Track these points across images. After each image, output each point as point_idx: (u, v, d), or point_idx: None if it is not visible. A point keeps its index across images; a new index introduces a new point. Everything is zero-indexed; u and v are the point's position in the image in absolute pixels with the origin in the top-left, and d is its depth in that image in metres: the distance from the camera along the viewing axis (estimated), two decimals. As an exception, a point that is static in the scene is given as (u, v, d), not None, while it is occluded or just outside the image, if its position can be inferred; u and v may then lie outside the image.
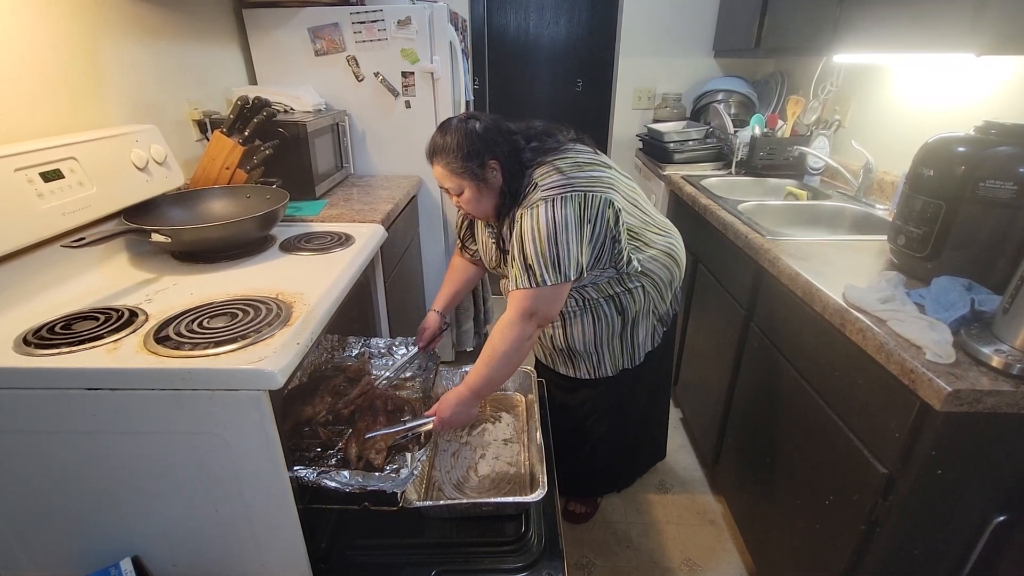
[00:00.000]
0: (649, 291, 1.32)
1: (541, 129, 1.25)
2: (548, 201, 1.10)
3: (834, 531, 1.08)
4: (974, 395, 0.78)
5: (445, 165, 1.16)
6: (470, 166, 1.14)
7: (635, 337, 1.38)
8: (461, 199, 1.20)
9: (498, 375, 1.17)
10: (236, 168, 1.49)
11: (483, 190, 1.18)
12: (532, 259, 1.11)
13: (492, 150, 1.15)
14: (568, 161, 1.18)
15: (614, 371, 1.41)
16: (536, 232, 1.10)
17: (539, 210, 1.10)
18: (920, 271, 1.12)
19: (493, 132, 1.16)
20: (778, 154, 2.13)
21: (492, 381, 1.17)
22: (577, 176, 1.15)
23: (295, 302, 1.02)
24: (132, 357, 0.83)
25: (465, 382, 1.16)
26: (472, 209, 1.22)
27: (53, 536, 0.95)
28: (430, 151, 1.18)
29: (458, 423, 1.17)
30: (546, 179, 1.14)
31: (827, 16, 1.68)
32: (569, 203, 1.10)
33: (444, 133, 1.15)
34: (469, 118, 1.17)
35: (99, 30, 1.29)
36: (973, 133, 1.07)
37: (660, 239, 1.33)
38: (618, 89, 2.90)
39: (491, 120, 1.18)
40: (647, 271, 1.30)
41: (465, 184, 1.16)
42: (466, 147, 1.13)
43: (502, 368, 1.16)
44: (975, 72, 1.46)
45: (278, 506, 0.92)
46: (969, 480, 0.88)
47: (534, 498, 1.04)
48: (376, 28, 1.94)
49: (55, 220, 1.05)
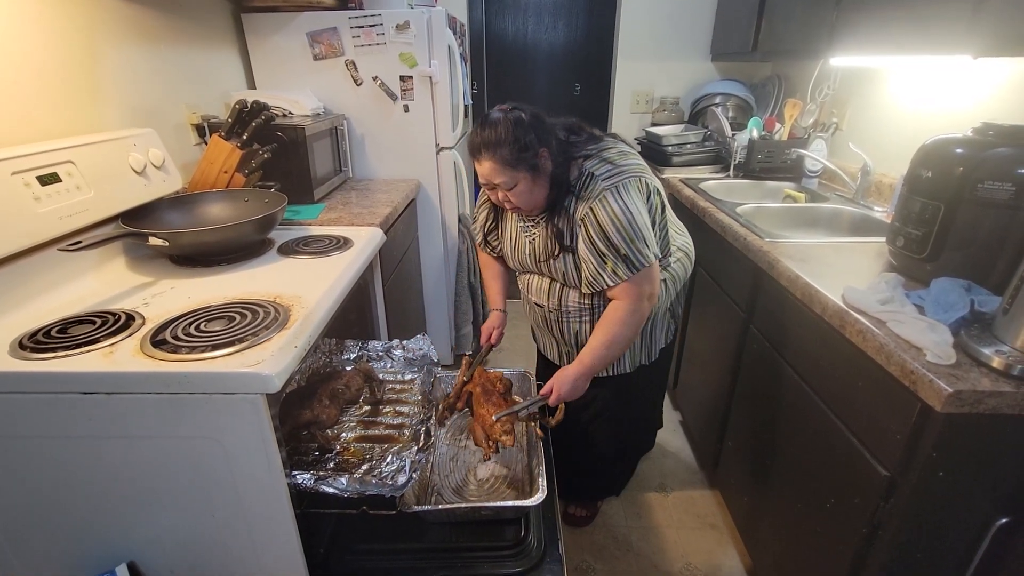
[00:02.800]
0: (669, 287, 1.37)
1: (574, 123, 1.27)
2: (612, 189, 1.14)
3: (835, 534, 1.08)
4: (975, 396, 0.78)
5: (498, 159, 1.11)
6: (526, 156, 1.11)
7: (653, 333, 1.41)
8: (512, 192, 1.16)
9: (613, 356, 1.26)
10: (234, 172, 1.49)
11: (537, 180, 1.16)
12: (625, 248, 1.14)
13: (542, 139, 1.14)
14: (615, 151, 1.23)
15: (632, 367, 1.43)
16: (617, 222, 1.13)
17: (608, 200, 1.14)
18: (919, 272, 1.12)
19: (540, 121, 1.15)
20: (776, 157, 2.13)
21: (607, 360, 1.25)
22: (627, 163, 1.20)
23: (293, 305, 1.01)
24: (128, 361, 0.83)
25: (581, 361, 1.22)
26: (523, 202, 1.18)
27: (47, 541, 0.94)
28: (477, 146, 1.13)
29: (573, 397, 1.25)
30: (600, 168, 1.17)
31: (824, 19, 1.68)
32: (631, 187, 1.16)
33: (491, 126, 1.11)
34: (513, 108, 1.14)
35: (97, 34, 1.29)
36: (971, 134, 1.07)
37: (679, 237, 1.40)
38: (616, 93, 2.91)
39: (534, 109, 1.16)
40: (669, 267, 1.36)
41: (520, 176, 1.13)
42: (521, 138, 1.10)
43: (618, 350, 1.25)
44: (972, 74, 1.47)
45: (275, 511, 0.91)
46: (971, 482, 0.87)
47: (533, 502, 1.04)
48: (374, 32, 1.95)
49: (52, 224, 1.04)
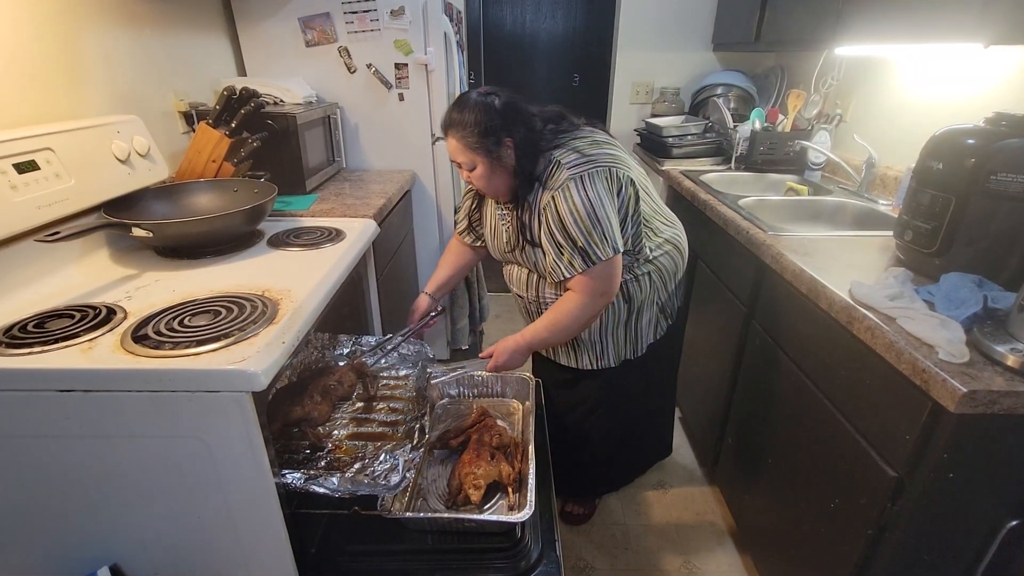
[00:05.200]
0: (655, 280, 1.33)
1: (557, 112, 1.26)
2: (577, 179, 1.12)
3: (840, 535, 1.05)
4: (990, 396, 0.75)
5: (461, 139, 1.15)
6: (486, 143, 1.14)
7: (639, 327, 1.37)
8: (472, 174, 1.20)
9: (555, 341, 1.28)
10: (223, 161, 1.44)
11: (495, 168, 1.18)
12: (582, 240, 1.13)
13: (508, 128, 1.14)
14: (586, 140, 1.20)
15: (617, 361, 1.40)
16: (576, 212, 1.12)
17: (571, 190, 1.12)
18: (928, 267, 1.09)
19: (511, 110, 1.15)
20: (778, 149, 2.09)
21: (548, 343, 1.28)
22: (598, 153, 1.17)
23: (282, 299, 0.97)
24: (107, 357, 0.79)
25: (523, 335, 1.25)
26: (483, 186, 1.22)
27: (25, 544, 0.91)
28: (446, 123, 1.17)
29: (510, 367, 1.27)
30: (568, 157, 1.16)
31: (829, 7, 1.64)
32: (597, 178, 1.13)
33: (462, 107, 1.14)
34: (489, 93, 1.16)
35: (79, 16, 1.24)
36: (983, 125, 1.04)
37: (667, 229, 1.35)
38: (616, 83, 2.86)
39: (510, 97, 1.17)
40: (655, 259, 1.31)
41: (478, 160, 1.16)
42: (484, 123, 1.12)
43: (561, 337, 1.26)
44: (982, 63, 1.43)
45: (263, 512, 0.88)
46: (982, 483, 0.85)
47: (519, 518, 1.00)
48: (368, 18, 1.89)
49: (30, 213, 1.00)
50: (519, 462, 1.18)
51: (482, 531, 1.06)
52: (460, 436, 1.24)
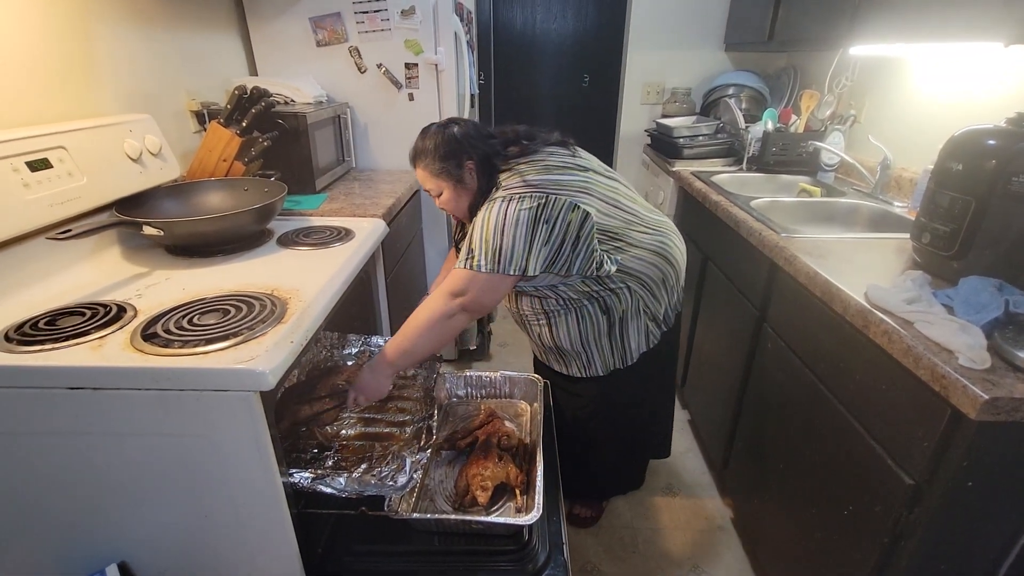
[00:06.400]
0: (636, 291, 1.28)
1: (523, 133, 1.29)
2: (505, 199, 1.13)
3: (853, 543, 1.03)
4: (1012, 404, 0.73)
5: (425, 167, 1.21)
6: (447, 166, 1.19)
7: (625, 337, 1.33)
8: (441, 200, 1.25)
9: (411, 344, 1.12)
10: (234, 160, 1.45)
11: (460, 191, 1.22)
12: (475, 244, 1.13)
13: (468, 152, 1.19)
14: (537, 165, 1.20)
15: (605, 371, 1.37)
16: (486, 222, 1.12)
17: (495, 205, 1.13)
18: (946, 271, 1.07)
19: (471, 136, 1.21)
20: (791, 150, 2.07)
21: (404, 350, 1.12)
22: (541, 179, 1.16)
23: (291, 298, 0.97)
24: (117, 355, 0.79)
25: (382, 350, 1.13)
26: (451, 209, 1.27)
27: (34, 542, 0.91)
28: (412, 154, 1.23)
29: (371, 392, 1.12)
30: (509, 180, 1.17)
31: (845, 6, 1.62)
32: (526, 201, 1.12)
33: (424, 137, 1.21)
34: (449, 123, 1.22)
35: (92, 16, 1.25)
36: (1004, 125, 1.02)
37: (647, 237, 1.27)
38: (626, 84, 2.85)
39: (470, 125, 1.23)
40: (631, 271, 1.26)
41: (443, 185, 1.21)
42: (443, 148, 1.18)
43: (415, 338, 1.12)
44: (1001, 63, 1.40)
45: (270, 512, 0.88)
46: (1002, 493, 0.83)
47: (526, 520, 0.99)
48: (379, 18, 1.90)
49: (42, 211, 1.00)
50: (527, 464, 1.17)
51: (489, 533, 1.05)
52: (468, 437, 1.24)
